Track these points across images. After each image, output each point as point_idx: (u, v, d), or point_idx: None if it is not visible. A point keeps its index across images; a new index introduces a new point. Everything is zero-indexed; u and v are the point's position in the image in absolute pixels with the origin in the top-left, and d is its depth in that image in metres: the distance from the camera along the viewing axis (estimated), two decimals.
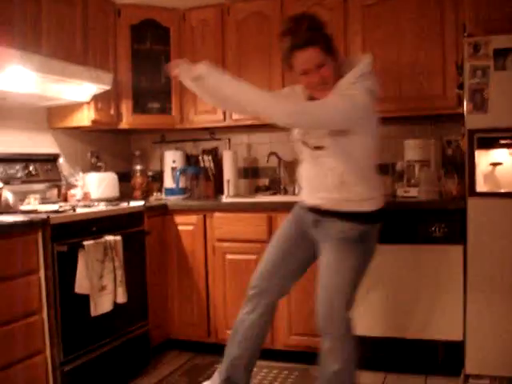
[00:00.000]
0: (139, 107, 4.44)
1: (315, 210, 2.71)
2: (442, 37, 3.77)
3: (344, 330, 2.59)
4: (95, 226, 3.32)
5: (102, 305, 3.19)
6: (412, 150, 3.94)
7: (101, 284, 3.20)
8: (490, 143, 3.27)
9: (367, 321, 3.61)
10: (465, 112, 3.30)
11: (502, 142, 3.24)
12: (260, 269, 2.89)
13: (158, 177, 4.82)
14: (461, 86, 3.41)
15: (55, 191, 3.99)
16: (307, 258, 2.85)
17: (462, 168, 3.46)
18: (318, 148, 2.62)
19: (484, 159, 3.30)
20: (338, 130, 2.53)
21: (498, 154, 3.28)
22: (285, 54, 2.56)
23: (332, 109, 2.49)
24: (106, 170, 4.44)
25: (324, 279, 2.62)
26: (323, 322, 2.62)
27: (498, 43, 3.19)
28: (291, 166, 4.45)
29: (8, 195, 3.38)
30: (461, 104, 3.50)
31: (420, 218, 3.50)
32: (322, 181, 2.64)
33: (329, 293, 2.60)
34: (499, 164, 3.27)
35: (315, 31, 2.47)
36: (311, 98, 2.68)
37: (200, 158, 4.70)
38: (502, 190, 3.26)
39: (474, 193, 3.29)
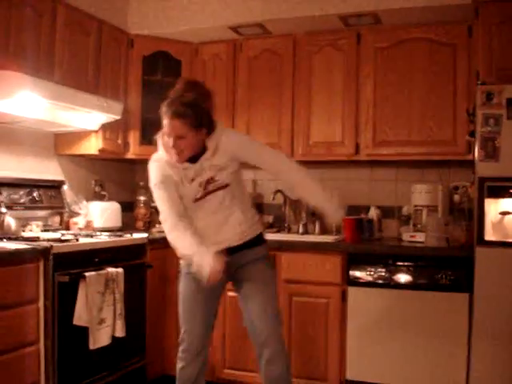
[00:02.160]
0: (147, 138, 4.40)
1: (226, 251, 2.75)
2: (453, 83, 3.78)
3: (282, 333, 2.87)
4: (97, 256, 3.28)
5: (100, 338, 3.13)
6: (419, 194, 3.92)
7: (100, 317, 3.13)
8: (500, 192, 3.24)
9: (368, 366, 3.55)
10: (476, 159, 3.28)
11: None
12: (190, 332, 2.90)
13: None
14: (472, 134, 3.40)
15: (57, 218, 3.95)
16: (218, 301, 3.01)
17: (470, 215, 3.44)
18: (223, 187, 2.76)
19: (493, 208, 3.26)
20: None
21: (507, 203, 3.25)
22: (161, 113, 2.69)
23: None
24: (109, 199, 4.41)
25: (259, 295, 2.81)
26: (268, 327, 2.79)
27: (511, 92, 3.19)
28: (296, 205, 4.42)
29: (10, 221, 3.35)
30: (470, 151, 3.50)
31: (426, 264, 3.46)
32: (228, 220, 2.79)
33: (267, 304, 2.81)
34: (509, 213, 3.24)
35: (191, 107, 2.61)
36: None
37: None
38: (511, 240, 3.22)
39: (482, 241, 3.25)
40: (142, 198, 4.67)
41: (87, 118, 3.77)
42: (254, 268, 2.84)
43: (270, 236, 4.09)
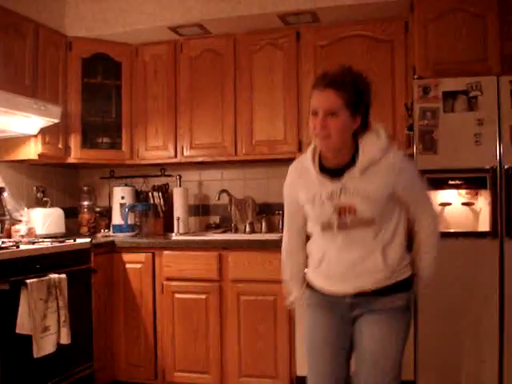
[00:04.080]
0: (88, 142, 4.35)
1: (353, 295, 2.30)
2: (392, 79, 3.85)
3: None
4: (39, 263, 3.21)
5: (44, 346, 3.06)
6: None
7: (44, 324, 3.07)
8: (439, 183, 3.30)
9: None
10: (415, 153, 3.34)
11: (451, 182, 3.29)
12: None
13: (106, 213, 4.71)
14: (410, 128, 3.46)
15: None
16: (350, 341, 2.41)
17: None
18: (365, 224, 2.22)
19: (433, 199, 3.33)
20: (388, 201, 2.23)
21: (446, 195, 3.33)
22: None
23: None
24: (52, 206, 4.33)
25: (372, 355, 2.27)
26: None
27: (447, 86, 3.27)
28: (242, 204, 4.42)
29: None
30: (410, 145, 3.56)
31: None
32: (365, 262, 2.25)
33: (380, 369, 2.26)
34: (448, 204, 3.32)
35: (349, 83, 2.12)
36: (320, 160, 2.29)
37: (150, 194, 4.62)
38: (452, 230, 3.30)
39: None
40: (85, 203, 4.62)
41: (25, 123, 3.69)
42: (375, 327, 2.26)
43: (216, 236, 4.10)
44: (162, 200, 4.58)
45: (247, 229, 4.33)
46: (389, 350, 2.26)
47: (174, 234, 4.28)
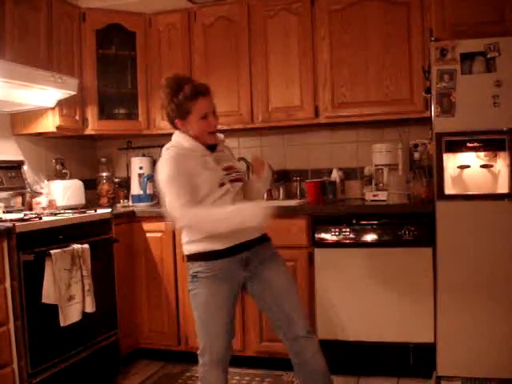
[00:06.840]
0: (105, 113, 4.37)
1: (245, 246, 2.64)
2: (408, 41, 3.80)
3: None
4: (62, 234, 3.25)
5: (70, 315, 3.12)
6: (380, 154, 3.97)
7: (69, 293, 3.12)
8: (457, 146, 3.31)
9: (339, 325, 3.61)
10: (432, 116, 3.33)
11: (469, 145, 3.29)
12: (219, 343, 2.69)
13: (125, 184, 4.76)
14: (428, 90, 3.44)
15: (19, 199, 3.90)
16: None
17: (430, 171, 3.51)
18: (241, 179, 2.78)
19: (452, 162, 3.34)
20: None
21: (465, 157, 3.33)
22: (181, 103, 2.59)
23: None
24: (71, 177, 4.37)
25: (289, 288, 2.75)
26: (307, 322, 2.75)
27: (464, 47, 3.24)
28: None
29: None
30: (428, 108, 3.55)
31: (390, 221, 3.52)
32: None
33: (298, 298, 2.79)
34: (467, 167, 3.32)
35: None
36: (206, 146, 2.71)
37: None
38: (470, 193, 3.30)
39: (442, 195, 3.32)
40: (104, 174, 4.66)
41: (42, 96, 3.70)
42: (274, 266, 2.73)
43: None
44: None
45: (265, 196, 4.35)
46: (291, 280, 2.81)
47: None
